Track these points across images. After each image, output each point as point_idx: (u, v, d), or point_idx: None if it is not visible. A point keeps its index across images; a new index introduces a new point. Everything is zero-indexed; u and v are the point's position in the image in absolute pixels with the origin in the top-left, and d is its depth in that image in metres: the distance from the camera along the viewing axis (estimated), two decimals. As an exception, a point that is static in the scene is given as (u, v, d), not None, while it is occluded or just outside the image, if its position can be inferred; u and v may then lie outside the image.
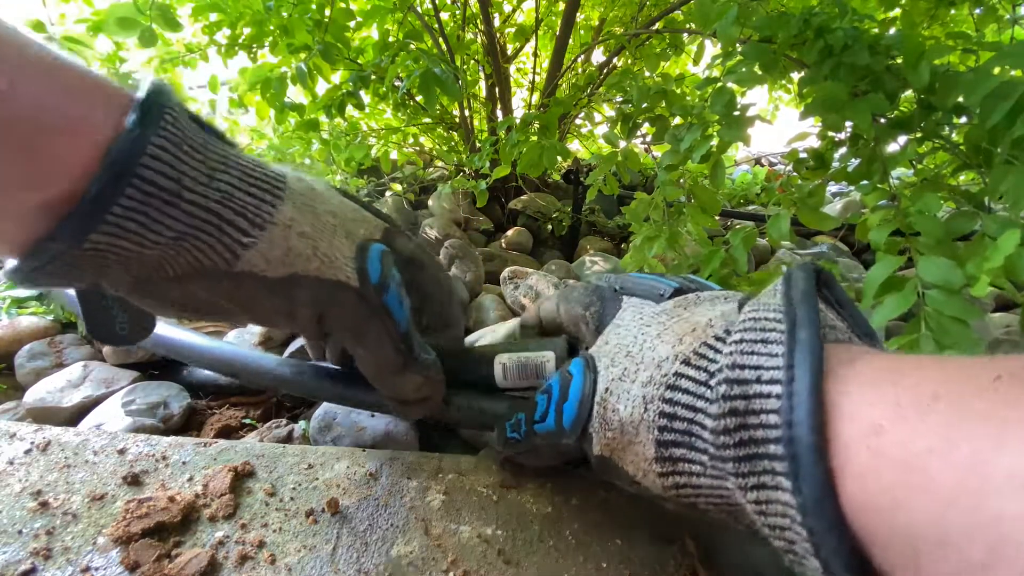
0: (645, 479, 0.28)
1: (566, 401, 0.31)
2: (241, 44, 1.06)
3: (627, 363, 0.29)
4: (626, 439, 0.28)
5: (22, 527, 0.40)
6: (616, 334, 0.32)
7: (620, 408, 0.28)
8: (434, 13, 1.18)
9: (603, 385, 0.30)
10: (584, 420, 0.30)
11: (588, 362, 0.32)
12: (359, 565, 0.41)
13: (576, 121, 1.62)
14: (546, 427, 0.33)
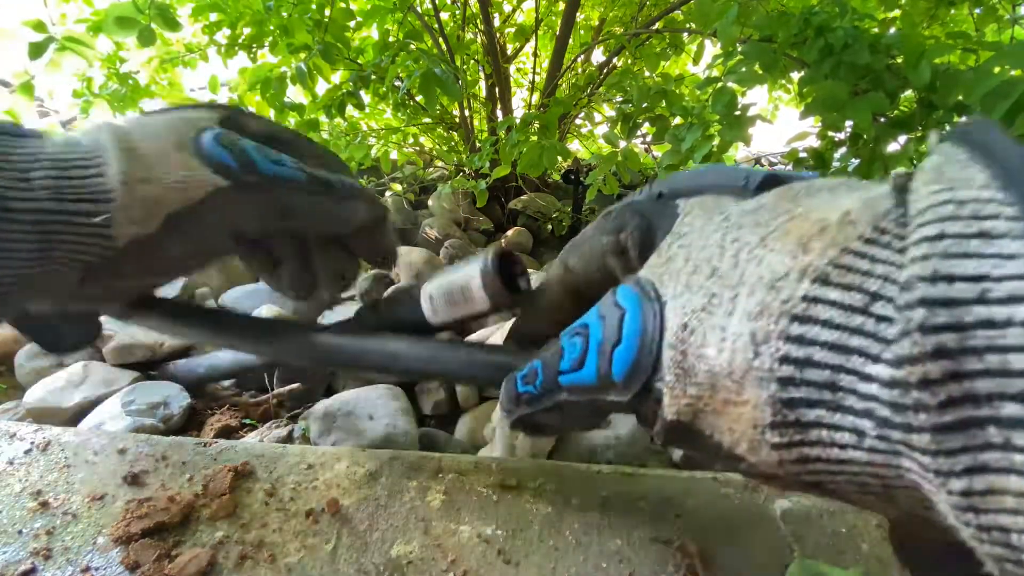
0: (749, 451, 0.20)
1: (618, 345, 0.22)
2: (241, 44, 1.06)
3: (713, 286, 0.20)
4: (721, 397, 0.19)
5: (22, 527, 0.40)
6: (684, 247, 0.22)
7: (710, 353, 0.19)
8: (434, 13, 1.18)
9: (677, 320, 0.21)
10: (647, 371, 0.21)
11: (645, 289, 0.23)
12: (359, 565, 0.41)
13: (576, 121, 1.62)
14: (581, 379, 0.25)
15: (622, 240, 0.28)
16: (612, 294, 0.25)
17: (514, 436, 0.63)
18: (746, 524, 0.50)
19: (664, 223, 0.25)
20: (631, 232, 0.27)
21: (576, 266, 0.32)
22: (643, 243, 0.26)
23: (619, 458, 0.63)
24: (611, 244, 0.29)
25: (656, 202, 0.27)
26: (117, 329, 0.76)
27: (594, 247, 0.30)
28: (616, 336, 0.23)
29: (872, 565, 0.48)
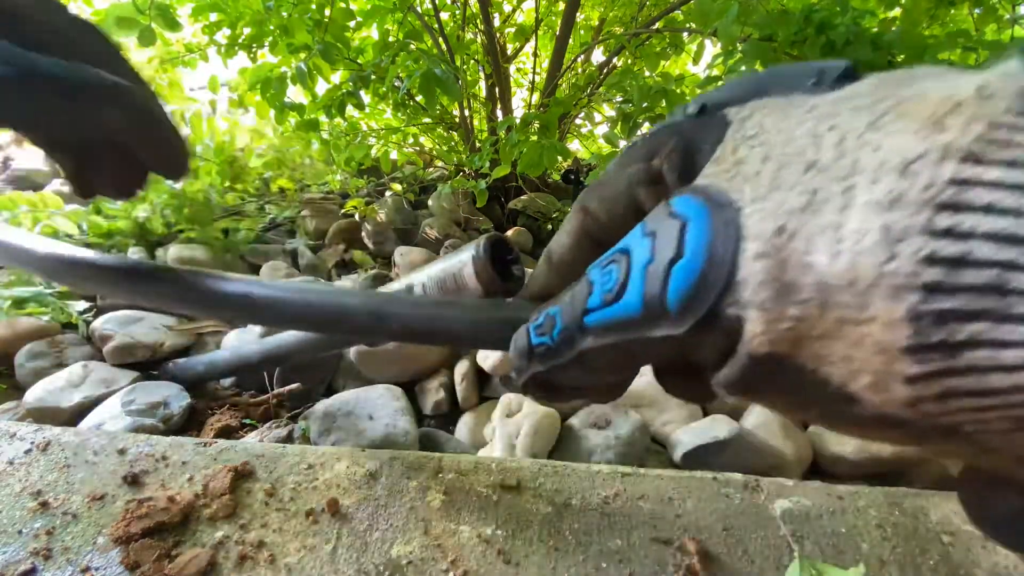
0: (872, 388, 0.15)
1: (678, 260, 0.18)
2: (241, 44, 1.06)
3: (814, 181, 0.16)
4: (834, 316, 0.15)
5: (22, 527, 0.40)
6: (759, 147, 0.19)
7: (819, 260, 0.15)
8: (434, 13, 1.18)
9: (768, 224, 0.17)
10: (716, 292, 0.17)
11: (711, 194, 0.19)
12: (359, 565, 0.41)
13: (576, 121, 1.63)
14: (617, 314, 0.20)
15: (655, 166, 0.23)
16: (664, 207, 0.20)
17: (514, 435, 0.64)
18: (746, 524, 0.50)
19: (710, 138, 0.21)
20: (668, 154, 0.22)
21: (597, 209, 0.27)
22: (684, 165, 0.22)
23: (619, 458, 0.63)
24: (641, 173, 0.24)
25: (696, 119, 0.22)
26: (117, 329, 0.76)
27: (619, 181, 0.25)
28: (675, 250, 0.18)
29: (872, 565, 0.48)
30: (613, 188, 0.26)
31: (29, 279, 0.86)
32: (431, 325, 0.33)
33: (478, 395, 0.78)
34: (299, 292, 0.36)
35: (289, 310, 0.36)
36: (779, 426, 0.70)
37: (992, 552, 0.51)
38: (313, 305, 0.35)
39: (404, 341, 0.36)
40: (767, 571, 0.45)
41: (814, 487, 0.55)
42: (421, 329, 0.33)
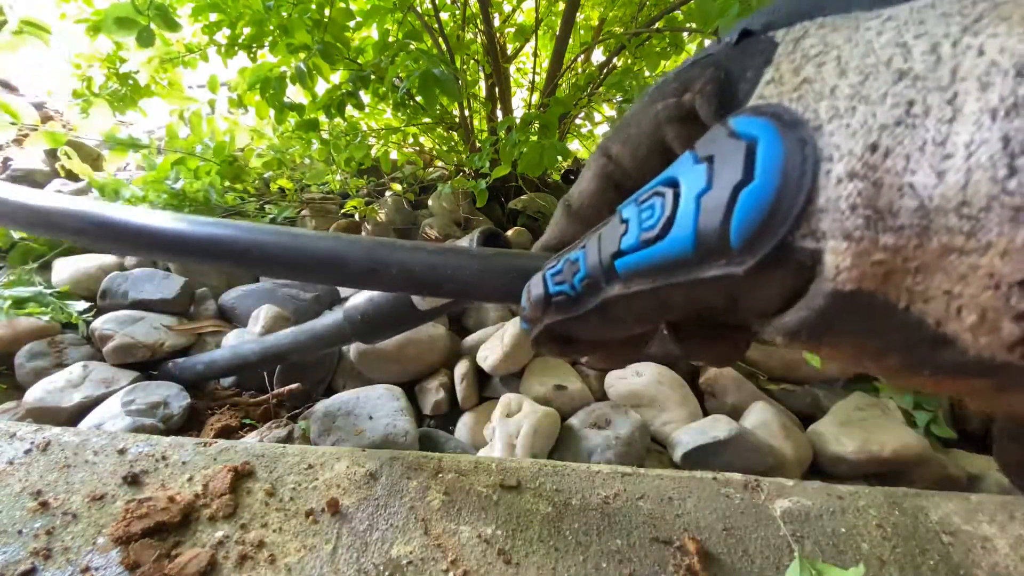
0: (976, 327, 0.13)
1: (749, 183, 0.15)
2: (241, 44, 1.06)
3: (908, 92, 0.14)
4: (938, 244, 0.13)
5: (22, 527, 0.40)
6: (828, 62, 0.16)
7: (922, 180, 0.13)
8: (434, 13, 1.18)
9: (856, 143, 0.14)
10: (788, 222, 0.15)
11: (778, 113, 0.16)
12: (359, 565, 0.41)
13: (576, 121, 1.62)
14: (658, 255, 0.18)
15: (686, 101, 0.20)
16: (720, 129, 0.17)
17: (514, 435, 0.64)
18: (746, 524, 0.50)
19: (754, 63, 0.18)
20: (701, 87, 0.19)
21: (620, 153, 0.24)
22: (723, 97, 0.19)
23: (619, 458, 0.63)
24: (671, 109, 0.21)
25: (734, 47, 0.19)
26: (117, 329, 0.76)
27: (644, 120, 0.22)
28: (742, 173, 0.16)
29: (872, 565, 0.48)
30: (638, 128, 0.23)
31: (29, 279, 0.86)
32: (434, 272, 0.30)
33: (478, 395, 0.78)
34: (293, 237, 0.34)
35: (284, 256, 0.34)
36: (779, 426, 0.70)
37: (992, 552, 0.51)
38: (308, 251, 0.33)
39: (404, 290, 0.34)
40: (767, 571, 0.45)
41: (814, 487, 0.55)
42: (423, 276, 0.30)
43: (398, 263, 0.31)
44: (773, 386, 0.83)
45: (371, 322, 0.50)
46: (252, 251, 0.34)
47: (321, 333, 0.59)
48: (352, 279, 0.33)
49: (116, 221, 0.38)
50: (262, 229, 0.35)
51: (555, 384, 0.74)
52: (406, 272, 0.30)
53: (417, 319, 0.47)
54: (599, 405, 0.73)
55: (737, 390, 0.78)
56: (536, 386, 0.75)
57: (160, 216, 0.37)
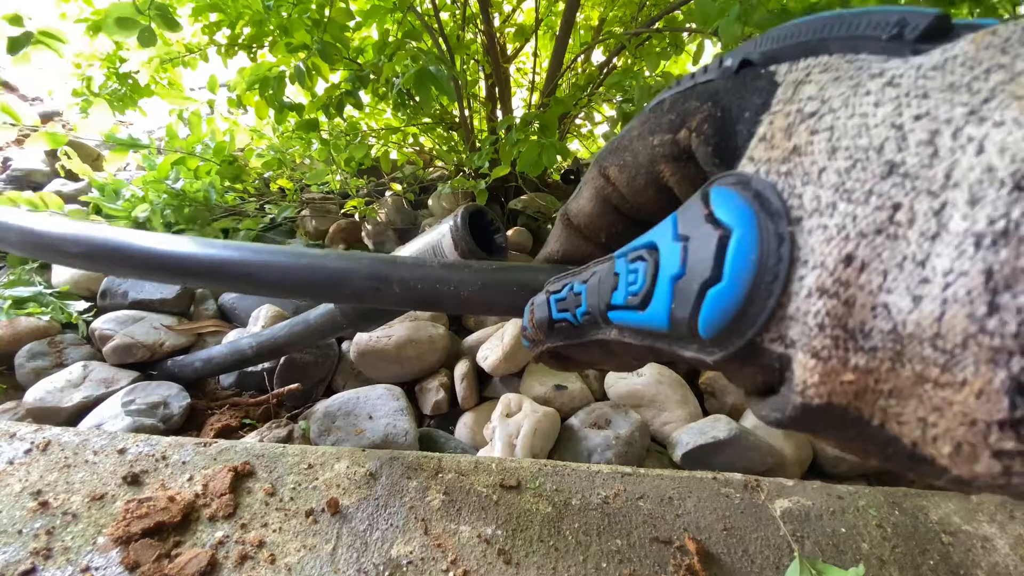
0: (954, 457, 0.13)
1: (714, 284, 0.15)
2: (241, 44, 1.06)
3: (896, 193, 0.13)
4: (911, 373, 0.13)
5: (22, 527, 0.40)
6: (822, 131, 0.14)
7: (898, 303, 0.12)
8: (434, 13, 1.18)
9: (833, 249, 0.13)
10: (757, 325, 0.14)
11: (763, 196, 0.15)
12: (359, 565, 0.41)
13: (576, 121, 1.62)
14: (641, 322, 0.18)
15: (681, 140, 0.19)
16: (702, 202, 0.16)
17: (514, 435, 0.64)
18: (746, 524, 0.50)
19: (753, 103, 0.17)
20: (698, 125, 0.18)
21: (617, 178, 0.23)
22: (719, 138, 0.18)
23: (619, 458, 0.63)
24: (666, 147, 0.20)
25: (734, 78, 0.18)
26: (117, 329, 0.76)
27: (640, 153, 0.21)
28: (711, 270, 0.15)
29: (872, 565, 0.48)
30: (634, 159, 0.22)
31: (29, 279, 0.86)
32: (436, 289, 0.30)
33: (478, 395, 0.78)
34: (296, 258, 0.34)
35: (289, 278, 0.34)
36: (779, 426, 0.70)
37: (992, 552, 0.51)
38: (313, 271, 0.33)
39: (408, 307, 0.34)
40: (767, 571, 0.45)
41: (814, 487, 0.55)
42: (425, 293, 0.30)
43: (400, 280, 0.31)
44: (773, 386, 0.83)
45: (362, 308, 0.50)
46: (258, 274, 0.34)
47: (315, 323, 0.59)
48: (357, 297, 0.33)
49: (118, 245, 0.38)
50: (267, 250, 0.35)
51: (555, 384, 0.74)
52: (409, 289, 0.30)
53: None
54: (599, 405, 0.73)
55: (737, 390, 0.78)
56: (536, 386, 0.75)
57: (165, 239, 0.37)
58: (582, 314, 0.21)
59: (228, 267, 0.34)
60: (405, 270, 0.30)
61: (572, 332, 0.22)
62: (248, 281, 0.34)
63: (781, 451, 0.67)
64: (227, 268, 0.35)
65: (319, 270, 0.33)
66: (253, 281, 0.34)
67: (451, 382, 0.79)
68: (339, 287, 0.33)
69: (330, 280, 0.33)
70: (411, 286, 0.30)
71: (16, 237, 0.42)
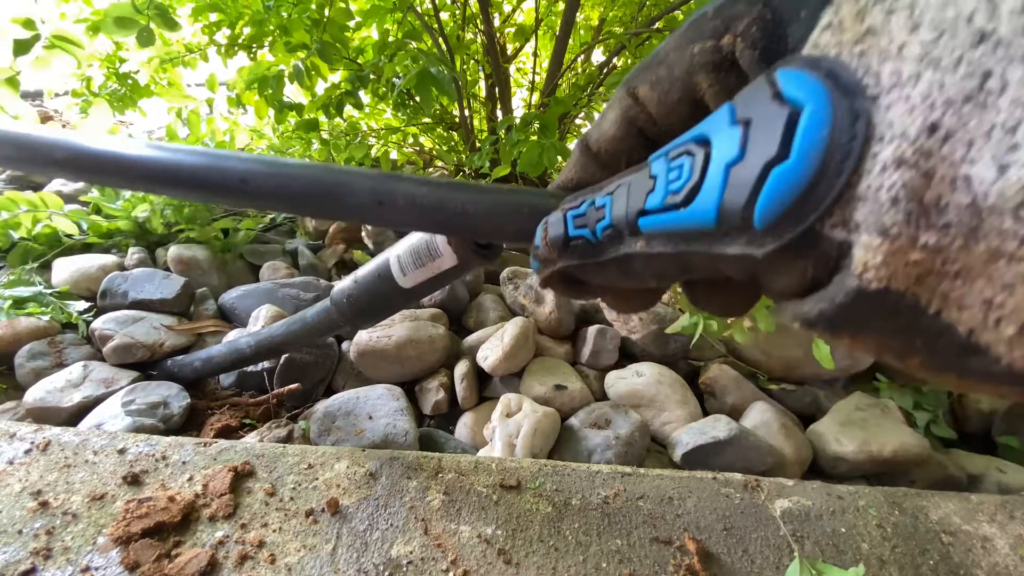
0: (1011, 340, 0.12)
1: (782, 161, 0.14)
2: (241, 44, 1.06)
3: (986, 59, 0.12)
4: (985, 248, 0.12)
5: (22, 527, 0.40)
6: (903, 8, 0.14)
7: (981, 173, 0.12)
8: (434, 13, 1.18)
9: (915, 120, 0.12)
10: (819, 208, 0.13)
11: (836, 73, 0.14)
12: (359, 565, 0.41)
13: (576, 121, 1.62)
14: (682, 221, 0.16)
15: (725, 46, 0.18)
16: (766, 83, 0.15)
17: (514, 435, 0.64)
18: (746, 524, 0.50)
19: (808, 4, 0.15)
20: (745, 28, 0.17)
21: (647, 96, 0.21)
22: (767, 43, 0.17)
23: (619, 458, 0.63)
24: (708, 54, 0.18)
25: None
26: (117, 329, 0.76)
27: (677, 63, 0.19)
28: (777, 147, 0.14)
29: (872, 565, 0.48)
30: (669, 72, 0.20)
31: (29, 279, 0.86)
32: (443, 206, 0.28)
33: (478, 395, 0.78)
34: (296, 168, 0.32)
35: (286, 189, 0.32)
36: (779, 426, 0.70)
37: (992, 552, 0.51)
38: (311, 182, 0.31)
39: (412, 224, 0.32)
40: (767, 571, 0.45)
41: (814, 487, 0.55)
42: (431, 209, 0.28)
43: (405, 195, 0.29)
44: (773, 386, 0.83)
45: (356, 303, 0.50)
46: (249, 182, 0.32)
47: (312, 321, 0.59)
48: (358, 212, 0.31)
49: (107, 154, 0.36)
50: (262, 160, 0.32)
51: (555, 384, 0.74)
52: (413, 204, 0.28)
53: (401, 297, 0.46)
54: (599, 405, 0.73)
55: (737, 390, 0.78)
56: (536, 386, 0.75)
57: (155, 148, 0.34)
58: (603, 228, 0.20)
59: (216, 173, 0.32)
60: (411, 185, 0.29)
61: (588, 250, 0.21)
62: (241, 191, 0.32)
63: (781, 451, 0.67)
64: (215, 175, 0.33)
65: (318, 182, 0.31)
66: (247, 191, 0.32)
67: (451, 382, 0.79)
68: (341, 199, 0.31)
69: (330, 192, 0.31)
70: (416, 201, 0.28)
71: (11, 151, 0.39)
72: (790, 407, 0.80)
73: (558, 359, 0.82)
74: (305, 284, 0.96)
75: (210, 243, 1.03)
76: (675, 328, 0.71)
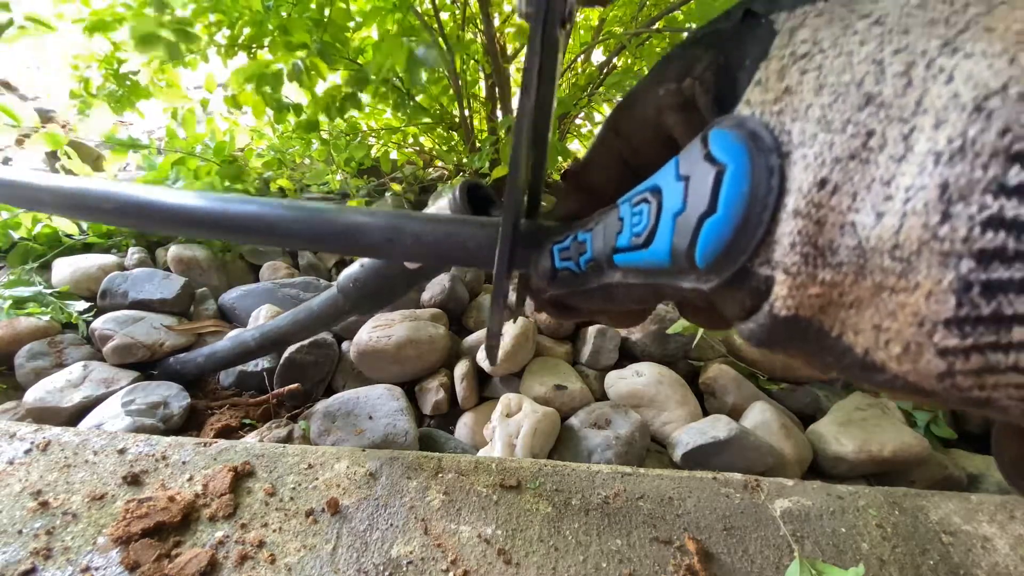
0: (901, 358, 0.14)
1: (710, 215, 0.16)
2: (241, 44, 1.06)
3: (871, 121, 0.14)
4: (870, 283, 0.14)
5: (22, 527, 0.40)
6: (812, 71, 0.16)
7: (863, 220, 0.14)
8: (434, 13, 1.18)
9: (810, 175, 0.15)
10: (748, 252, 0.16)
11: (757, 134, 0.16)
12: (359, 565, 0.41)
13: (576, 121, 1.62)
14: (645, 260, 0.19)
15: (686, 89, 0.20)
16: (701, 144, 0.17)
17: (514, 435, 0.64)
18: (746, 524, 0.50)
19: (753, 51, 0.18)
20: (701, 72, 0.19)
21: (627, 131, 0.24)
22: (720, 88, 0.19)
23: (619, 458, 0.63)
24: (671, 96, 0.21)
25: (738, 27, 0.19)
26: (117, 329, 0.76)
27: (647, 105, 0.22)
28: (708, 203, 0.16)
29: (872, 565, 0.48)
30: (642, 110, 0.23)
31: (29, 279, 0.86)
32: (448, 241, 0.32)
33: (478, 395, 0.78)
34: (314, 212, 0.36)
35: (306, 230, 0.36)
36: (779, 426, 0.70)
37: (992, 552, 0.51)
38: (330, 224, 0.35)
39: (420, 260, 0.36)
40: (767, 571, 0.45)
41: (814, 487, 0.55)
42: (436, 246, 0.32)
43: (413, 234, 0.33)
44: (773, 386, 0.83)
45: (363, 287, 0.51)
46: (278, 227, 0.36)
47: (318, 309, 0.60)
48: (371, 250, 0.35)
49: (148, 202, 0.40)
50: (284, 204, 0.37)
51: (555, 384, 0.74)
52: (420, 243, 0.32)
53: (404, 280, 0.48)
54: (599, 405, 0.73)
55: (737, 390, 0.78)
56: (536, 386, 0.75)
57: (187, 196, 0.39)
58: (586, 261, 0.23)
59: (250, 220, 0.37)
60: (419, 224, 0.33)
61: (574, 280, 0.24)
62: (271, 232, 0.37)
63: (781, 451, 0.67)
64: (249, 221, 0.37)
65: (334, 223, 0.35)
66: (276, 232, 0.37)
67: (451, 382, 0.79)
68: (357, 239, 0.35)
69: (347, 232, 0.35)
70: (423, 240, 0.32)
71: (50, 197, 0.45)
72: (790, 407, 0.80)
73: (558, 359, 0.82)
74: (305, 284, 0.96)
75: (210, 243, 1.03)
76: (676, 328, 0.71)
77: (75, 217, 0.71)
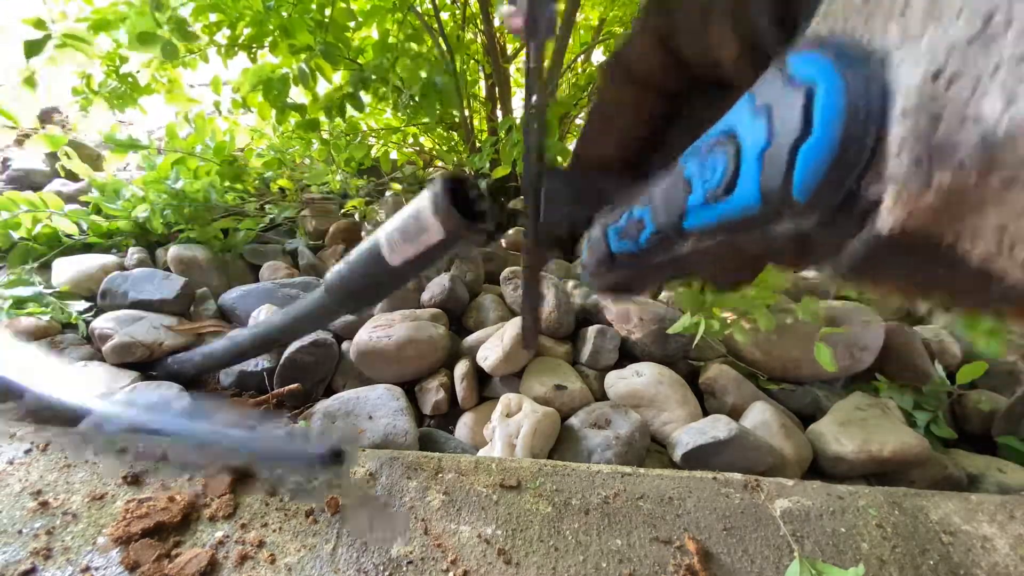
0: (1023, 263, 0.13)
1: (805, 140, 0.14)
2: (241, 44, 1.06)
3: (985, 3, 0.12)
4: (1000, 178, 0.12)
5: (22, 527, 0.40)
6: None
7: (988, 106, 0.12)
8: (434, 13, 1.18)
9: (922, 70, 0.13)
10: (860, 167, 0.14)
11: (842, 47, 0.15)
12: (359, 565, 0.41)
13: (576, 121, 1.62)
14: (726, 212, 0.17)
15: None
16: (777, 72, 0.16)
17: (514, 435, 0.64)
18: (746, 524, 0.50)
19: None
20: None
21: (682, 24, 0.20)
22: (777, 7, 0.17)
23: (619, 458, 0.63)
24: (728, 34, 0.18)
25: None
26: (117, 328, 0.76)
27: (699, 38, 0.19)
28: (799, 128, 0.14)
29: (872, 565, 0.48)
30: None
31: (29, 279, 0.86)
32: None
33: (478, 395, 0.78)
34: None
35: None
36: (779, 426, 0.70)
37: (992, 552, 0.51)
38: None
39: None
40: (767, 571, 0.45)
41: (814, 487, 0.55)
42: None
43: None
44: (773, 386, 0.83)
45: (348, 284, 0.51)
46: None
47: (308, 308, 0.60)
48: None
49: None
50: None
51: (555, 384, 0.74)
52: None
53: (389, 276, 0.48)
54: (599, 405, 0.73)
55: (737, 390, 0.78)
56: (536, 386, 0.75)
57: None
58: (647, 237, 0.21)
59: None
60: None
61: (637, 259, 0.22)
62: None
63: (781, 451, 0.67)
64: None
65: None
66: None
67: (451, 382, 0.79)
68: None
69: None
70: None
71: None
72: (790, 407, 0.80)
73: (558, 359, 0.82)
74: (305, 284, 0.96)
75: (210, 243, 1.03)
76: (676, 328, 0.71)
77: None
